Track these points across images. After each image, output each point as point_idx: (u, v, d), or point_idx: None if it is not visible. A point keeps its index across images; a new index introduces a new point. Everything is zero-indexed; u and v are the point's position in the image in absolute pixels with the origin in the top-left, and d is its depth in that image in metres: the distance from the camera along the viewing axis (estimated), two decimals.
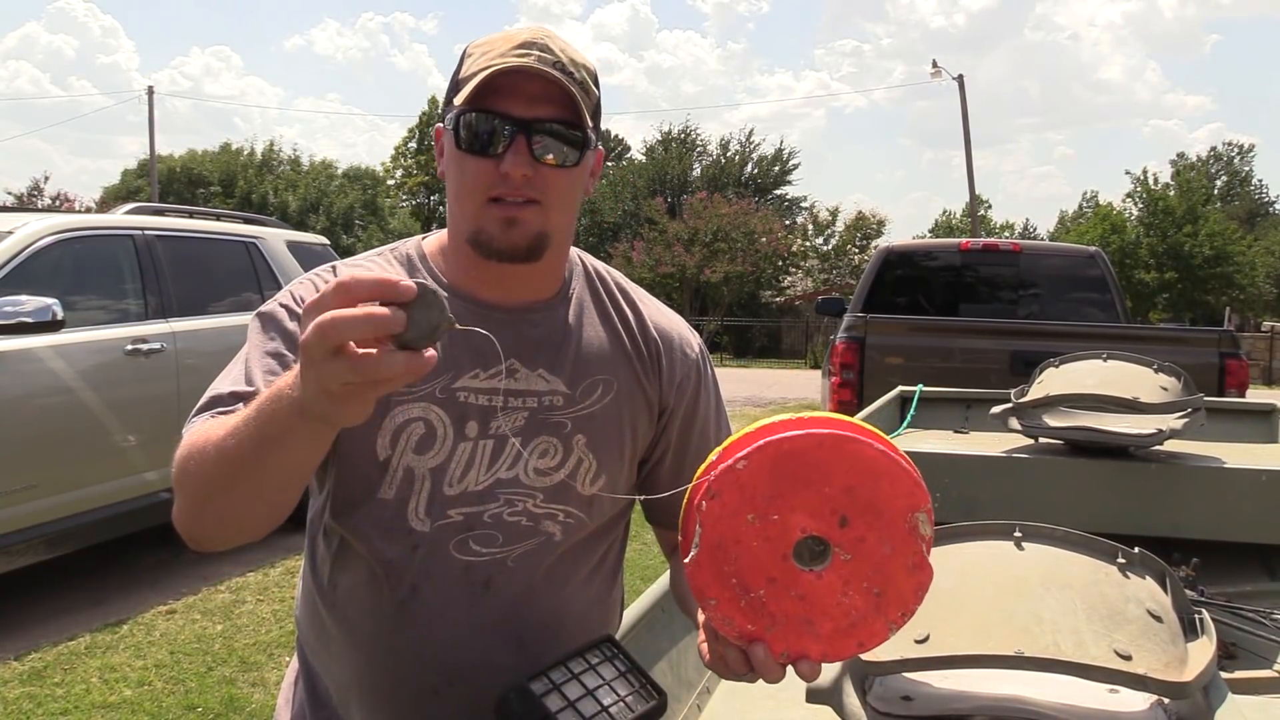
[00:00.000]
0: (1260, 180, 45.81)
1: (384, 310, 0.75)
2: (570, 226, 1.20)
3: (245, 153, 39.28)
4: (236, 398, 1.04)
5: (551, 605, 1.18)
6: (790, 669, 0.93)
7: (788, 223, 33.07)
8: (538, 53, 1.10)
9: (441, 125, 1.16)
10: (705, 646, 0.97)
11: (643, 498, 1.22)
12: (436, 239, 1.25)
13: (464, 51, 1.15)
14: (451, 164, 1.14)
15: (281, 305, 1.16)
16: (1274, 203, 45.14)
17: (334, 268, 1.21)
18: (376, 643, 1.16)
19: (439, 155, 1.19)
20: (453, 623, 1.14)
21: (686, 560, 0.90)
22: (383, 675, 1.17)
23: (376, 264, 1.23)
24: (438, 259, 1.23)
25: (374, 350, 0.75)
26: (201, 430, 1.00)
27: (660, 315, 1.29)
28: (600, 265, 1.30)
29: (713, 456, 0.94)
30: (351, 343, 0.75)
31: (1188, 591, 1.81)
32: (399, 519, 1.13)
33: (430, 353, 0.77)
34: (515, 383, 1.16)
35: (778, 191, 37.36)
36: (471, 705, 1.14)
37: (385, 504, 1.14)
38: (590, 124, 1.13)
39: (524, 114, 1.08)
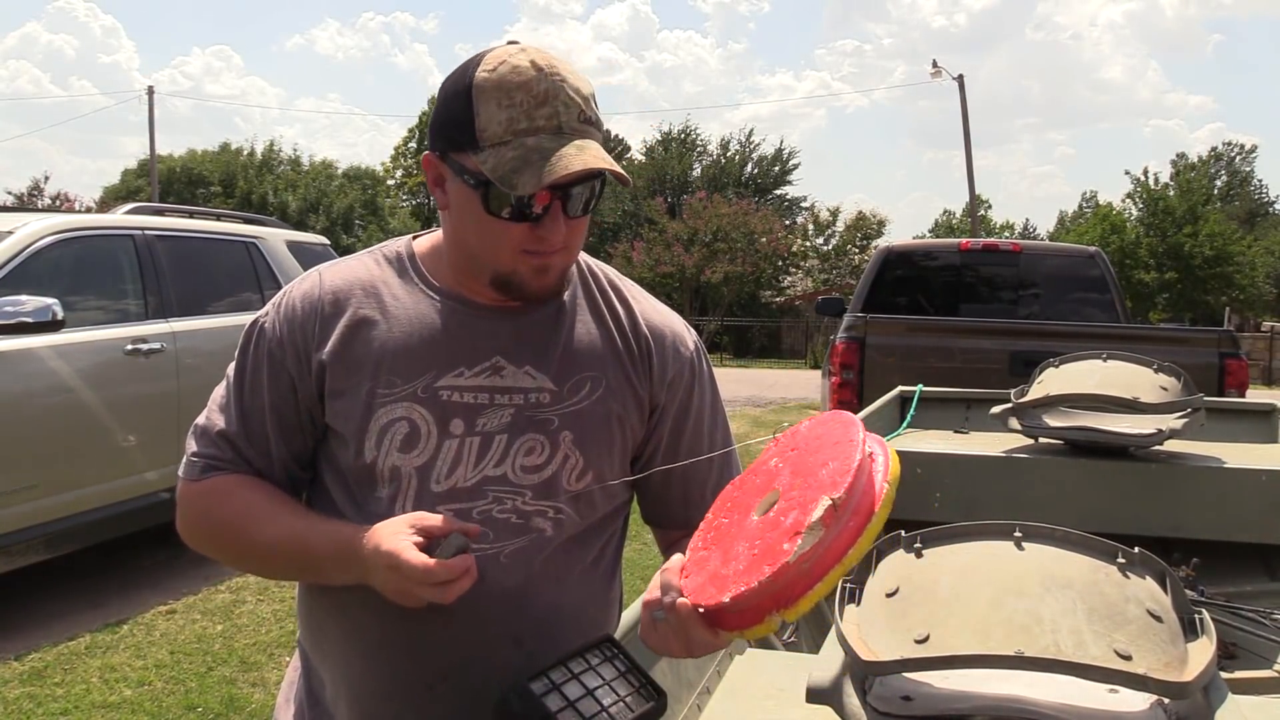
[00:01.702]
0: (1260, 180, 45.80)
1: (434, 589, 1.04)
2: None
3: (245, 153, 39.29)
4: (225, 438, 1.20)
5: (546, 602, 1.18)
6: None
7: (788, 223, 33.08)
8: (562, 108, 1.08)
9: (431, 155, 1.15)
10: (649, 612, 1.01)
11: (601, 483, 1.21)
12: (430, 240, 1.26)
13: (468, 89, 1.09)
14: (474, 219, 1.12)
15: (269, 326, 1.21)
16: (1274, 203, 45.11)
17: (320, 273, 1.24)
18: (371, 638, 1.17)
19: (433, 184, 1.17)
20: (446, 619, 1.14)
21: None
22: (377, 671, 1.17)
23: (364, 264, 1.24)
24: (428, 260, 1.23)
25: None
26: (225, 510, 1.18)
27: (654, 312, 1.29)
28: (594, 263, 1.30)
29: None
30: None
31: (1188, 591, 1.81)
32: (389, 517, 1.14)
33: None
34: (501, 380, 1.17)
35: (778, 191, 37.38)
36: (466, 701, 1.15)
37: (379, 503, 1.15)
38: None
39: (558, 183, 1.08)
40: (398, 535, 1.04)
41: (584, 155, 1.07)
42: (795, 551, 0.88)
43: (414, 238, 1.28)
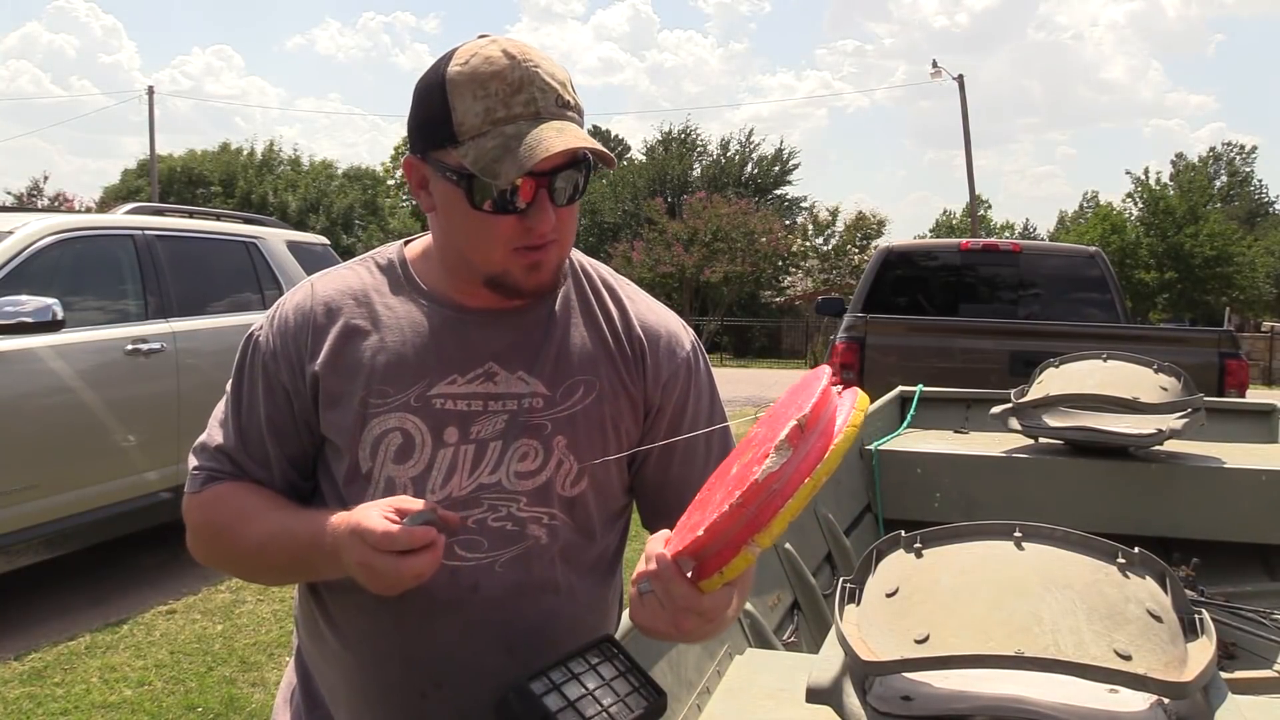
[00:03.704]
0: (1260, 180, 45.76)
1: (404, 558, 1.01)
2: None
3: (245, 153, 39.27)
4: (224, 453, 1.21)
5: (542, 609, 1.17)
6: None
7: (787, 223, 33.07)
8: (538, 93, 1.06)
9: (413, 158, 1.13)
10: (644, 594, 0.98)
11: (585, 463, 1.19)
12: (421, 244, 1.25)
13: (442, 84, 1.08)
14: (462, 216, 1.11)
15: (263, 339, 1.21)
16: (1274, 203, 45.09)
17: (312, 284, 1.23)
18: (366, 645, 1.16)
19: (416, 187, 1.15)
20: (440, 627, 1.14)
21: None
22: (372, 677, 1.17)
23: (356, 272, 1.23)
24: (419, 265, 1.23)
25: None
26: (221, 514, 1.19)
27: (649, 312, 1.27)
28: (588, 262, 1.28)
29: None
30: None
31: (1188, 591, 1.81)
32: None
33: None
34: (495, 386, 1.16)
35: (778, 191, 37.37)
36: (459, 709, 1.14)
37: None
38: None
39: (541, 169, 1.06)
40: (370, 509, 1.04)
41: (564, 136, 1.05)
42: (764, 470, 0.88)
43: (406, 243, 1.27)
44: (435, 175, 1.11)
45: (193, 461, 1.23)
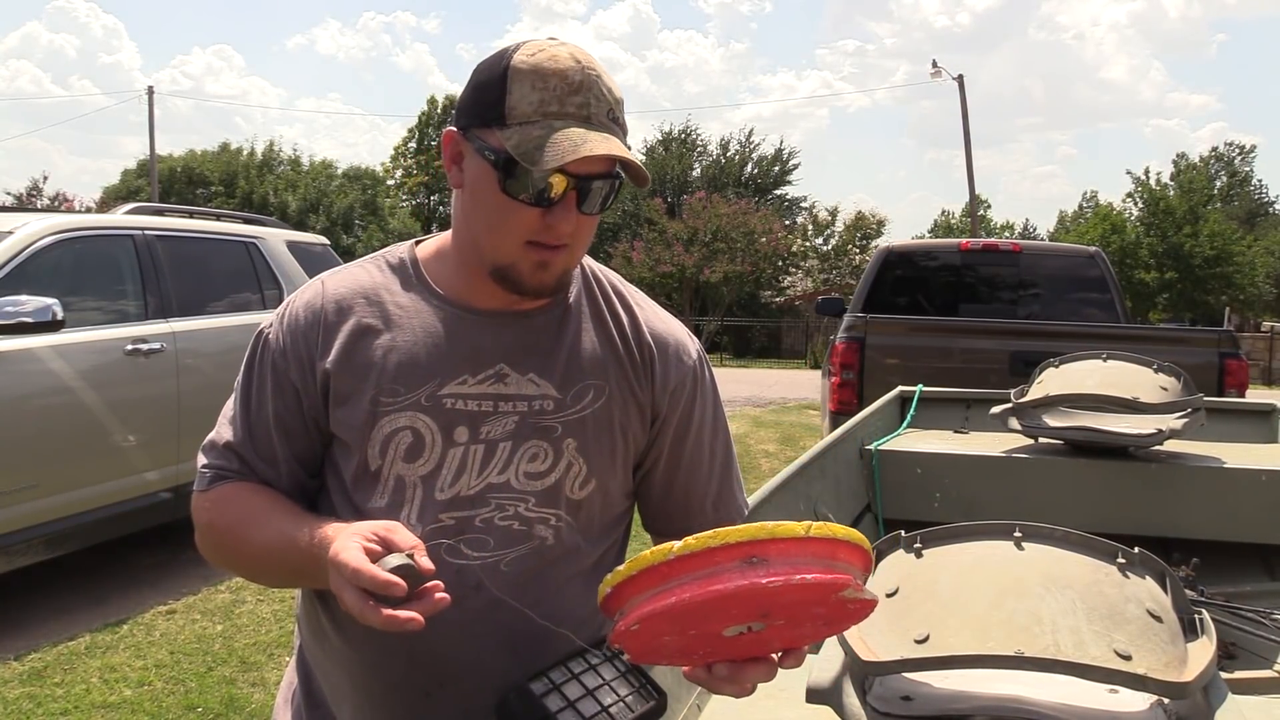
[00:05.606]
0: (1260, 180, 45.78)
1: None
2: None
3: (245, 153, 39.28)
4: (232, 450, 1.21)
5: (545, 612, 1.17)
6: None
7: (787, 223, 33.09)
8: (593, 100, 1.09)
9: (454, 131, 1.15)
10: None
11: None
12: (433, 244, 1.26)
13: (505, 69, 1.10)
14: (488, 198, 1.12)
15: (273, 337, 1.22)
16: (1274, 203, 45.11)
17: (322, 282, 1.24)
18: (369, 644, 1.16)
19: (450, 161, 1.16)
20: (444, 626, 1.13)
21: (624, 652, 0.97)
22: (375, 676, 1.17)
23: (366, 271, 1.24)
24: (431, 264, 1.23)
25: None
26: (226, 515, 1.19)
27: (657, 320, 1.28)
28: (598, 268, 1.30)
29: (630, 571, 0.90)
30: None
31: (1188, 591, 1.81)
32: None
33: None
34: (505, 387, 1.17)
35: (778, 191, 37.39)
36: (463, 708, 1.14)
37: (378, 511, 1.14)
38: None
39: (577, 170, 1.08)
40: (354, 535, 1.02)
41: (610, 144, 1.08)
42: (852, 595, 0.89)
43: (416, 243, 1.28)
44: (472, 152, 1.12)
45: (201, 459, 1.23)
